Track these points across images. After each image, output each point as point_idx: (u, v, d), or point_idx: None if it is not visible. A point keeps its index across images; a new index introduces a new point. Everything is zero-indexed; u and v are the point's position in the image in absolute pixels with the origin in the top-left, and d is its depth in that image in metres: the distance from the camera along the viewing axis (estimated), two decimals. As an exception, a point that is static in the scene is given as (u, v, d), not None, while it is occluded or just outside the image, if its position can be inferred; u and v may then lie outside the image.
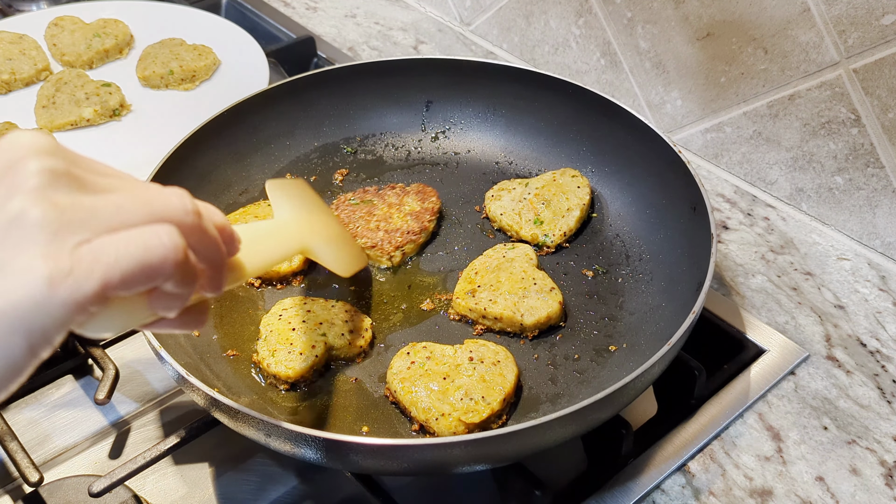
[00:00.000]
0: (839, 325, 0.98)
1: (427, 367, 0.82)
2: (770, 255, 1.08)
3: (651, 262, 0.97)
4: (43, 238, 0.42)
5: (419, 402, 0.79)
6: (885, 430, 0.86)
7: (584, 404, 0.68)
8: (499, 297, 0.89)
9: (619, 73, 1.28)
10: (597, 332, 0.90)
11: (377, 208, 1.03)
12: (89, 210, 0.44)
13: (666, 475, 0.82)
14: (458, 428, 0.77)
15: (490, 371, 0.81)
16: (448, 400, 0.78)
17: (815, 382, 0.92)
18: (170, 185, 0.50)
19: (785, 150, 1.11)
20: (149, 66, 1.30)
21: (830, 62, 1.01)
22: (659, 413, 0.89)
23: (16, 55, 1.30)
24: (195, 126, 1.01)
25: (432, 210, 1.03)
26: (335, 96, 1.13)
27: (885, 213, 1.04)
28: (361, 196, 1.05)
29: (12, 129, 1.15)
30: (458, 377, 0.80)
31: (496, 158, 1.13)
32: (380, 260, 0.98)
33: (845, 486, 0.81)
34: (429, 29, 1.55)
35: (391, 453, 0.68)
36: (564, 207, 1.01)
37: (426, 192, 1.05)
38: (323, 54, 1.44)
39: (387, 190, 1.06)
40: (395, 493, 0.77)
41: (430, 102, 1.15)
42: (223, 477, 0.84)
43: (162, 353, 0.74)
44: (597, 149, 1.07)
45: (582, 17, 1.29)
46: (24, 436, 0.86)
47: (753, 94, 1.11)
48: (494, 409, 0.78)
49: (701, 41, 1.14)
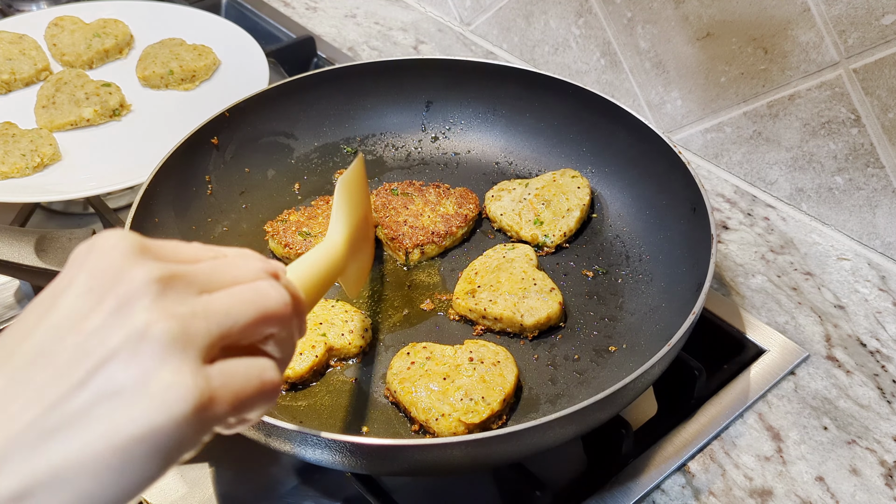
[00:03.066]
0: (839, 325, 0.98)
1: (427, 367, 0.82)
2: (770, 255, 1.08)
3: (651, 262, 0.96)
4: (174, 356, 0.41)
5: (419, 402, 0.79)
6: (885, 430, 0.86)
7: (584, 405, 0.68)
8: (499, 297, 0.89)
9: (619, 73, 1.28)
10: (597, 333, 0.90)
11: (413, 202, 1.03)
12: (204, 316, 0.44)
13: (666, 475, 0.82)
14: (458, 428, 0.77)
15: (490, 371, 0.81)
16: (448, 400, 0.78)
17: (815, 382, 0.92)
18: (246, 252, 0.51)
19: (785, 150, 1.11)
20: (149, 66, 1.30)
21: (830, 62, 1.01)
22: (659, 413, 0.89)
23: (16, 55, 1.30)
24: (195, 126, 1.01)
25: (466, 217, 1.02)
26: (335, 96, 1.13)
27: (885, 213, 1.04)
28: (404, 187, 1.05)
29: (13, 128, 1.15)
30: (459, 377, 0.80)
31: (496, 159, 1.13)
32: (396, 254, 0.98)
33: (845, 486, 0.81)
34: (429, 29, 1.55)
35: (391, 453, 0.68)
36: (564, 208, 1.01)
37: (467, 198, 1.04)
38: (323, 54, 1.44)
39: (430, 187, 1.06)
40: (395, 493, 0.77)
41: (430, 102, 1.15)
42: (223, 477, 0.84)
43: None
44: (597, 149, 1.07)
45: (582, 17, 1.29)
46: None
47: (753, 94, 1.11)
48: (494, 410, 0.78)
49: (701, 41, 1.14)
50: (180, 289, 0.44)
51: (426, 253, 0.99)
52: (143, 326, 0.41)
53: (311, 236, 0.98)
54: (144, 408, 0.40)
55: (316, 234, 0.98)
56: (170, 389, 0.40)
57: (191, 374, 0.41)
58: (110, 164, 1.14)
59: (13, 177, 1.10)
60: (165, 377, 0.41)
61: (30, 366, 0.41)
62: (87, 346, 0.41)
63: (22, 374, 0.41)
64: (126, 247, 0.44)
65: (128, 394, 0.40)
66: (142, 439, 0.40)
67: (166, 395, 0.40)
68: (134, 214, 0.87)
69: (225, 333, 0.45)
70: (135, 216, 0.87)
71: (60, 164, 1.14)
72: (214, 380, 0.43)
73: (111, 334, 0.41)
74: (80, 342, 0.41)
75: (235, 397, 0.44)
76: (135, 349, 0.41)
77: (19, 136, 1.13)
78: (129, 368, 0.40)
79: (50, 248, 0.84)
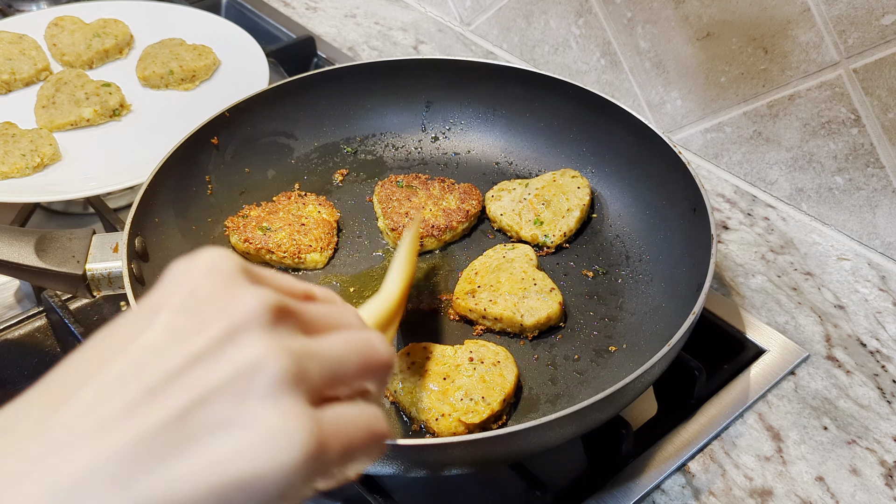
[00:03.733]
0: (839, 325, 0.98)
1: (427, 367, 0.82)
2: (770, 255, 1.08)
3: (651, 262, 0.96)
4: (286, 396, 0.37)
5: (419, 402, 0.79)
6: (885, 430, 0.86)
7: (584, 405, 0.68)
8: (499, 297, 0.89)
9: (619, 73, 1.28)
10: (597, 333, 0.90)
11: (417, 196, 1.03)
12: (318, 357, 0.40)
13: (666, 475, 0.82)
14: (458, 428, 0.77)
15: (490, 371, 0.81)
16: (448, 400, 0.78)
17: (815, 382, 0.92)
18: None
19: (785, 150, 1.11)
20: (149, 66, 1.30)
21: (830, 62, 1.01)
22: (659, 413, 0.89)
23: (16, 55, 1.30)
24: (195, 126, 1.01)
25: (468, 213, 1.02)
26: (335, 96, 1.13)
27: (885, 213, 1.04)
28: (409, 180, 1.06)
29: (13, 128, 1.15)
30: (459, 377, 0.80)
31: (496, 159, 1.13)
32: (396, 244, 0.99)
33: (845, 486, 0.81)
34: (429, 29, 1.55)
35: (391, 453, 0.68)
36: (564, 208, 1.01)
37: (470, 194, 1.05)
38: (323, 54, 1.44)
39: (435, 182, 1.06)
40: (395, 493, 0.77)
41: (430, 102, 1.15)
42: (223, 477, 0.84)
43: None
44: (597, 149, 1.07)
45: (582, 17, 1.29)
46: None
47: (753, 94, 1.11)
48: (494, 410, 0.78)
49: (701, 41, 1.14)
50: (292, 324, 0.40)
51: (425, 246, 1.00)
52: (256, 359, 0.37)
53: (271, 231, 0.98)
54: (251, 450, 0.35)
55: (276, 228, 0.98)
56: (282, 432, 0.36)
57: (305, 418, 0.37)
58: (110, 164, 1.14)
59: (13, 177, 1.10)
60: (277, 418, 0.36)
61: (121, 385, 0.36)
62: (191, 373, 0.36)
63: (112, 391, 0.36)
64: (232, 268, 0.40)
65: (234, 433, 0.36)
66: (243, 484, 0.35)
67: (277, 437, 0.36)
68: (134, 214, 0.87)
69: (335, 378, 0.41)
70: (135, 216, 0.87)
71: (60, 164, 1.14)
72: (326, 426, 0.39)
73: (219, 363, 0.37)
74: (182, 368, 0.36)
75: (347, 445, 0.40)
76: (245, 384, 0.36)
77: (19, 136, 1.13)
78: (237, 405, 0.36)
79: (50, 248, 0.84)
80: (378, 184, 1.06)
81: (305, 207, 1.02)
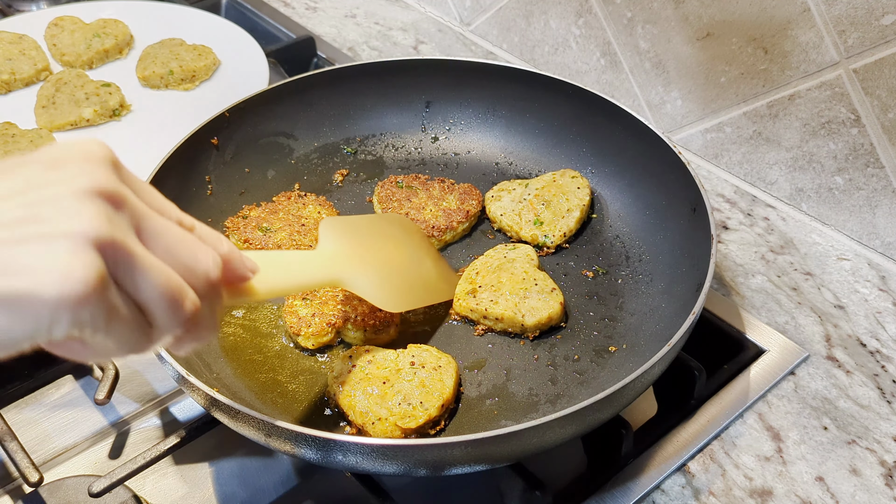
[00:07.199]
0: (839, 325, 0.98)
1: (367, 370, 0.81)
2: (770, 255, 1.08)
3: (651, 262, 0.97)
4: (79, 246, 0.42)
5: (356, 405, 0.79)
6: (885, 430, 0.86)
7: (584, 405, 0.68)
8: (500, 297, 0.89)
9: (619, 73, 1.28)
10: (597, 333, 0.90)
11: (417, 196, 1.03)
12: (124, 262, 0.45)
13: (666, 475, 0.82)
14: (394, 433, 0.76)
15: (430, 376, 0.80)
16: (385, 404, 0.78)
17: (815, 382, 0.92)
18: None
19: (785, 150, 1.11)
20: (149, 66, 1.30)
21: (830, 62, 1.01)
22: (659, 413, 0.89)
23: (16, 55, 1.30)
24: (195, 126, 1.01)
25: (468, 213, 1.02)
26: (335, 96, 1.13)
27: (885, 213, 1.04)
28: (409, 181, 1.06)
29: (12, 129, 1.15)
30: (399, 382, 0.80)
31: (496, 159, 1.13)
32: None
33: (845, 487, 0.81)
34: (429, 29, 1.55)
35: (391, 453, 0.68)
36: (564, 208, 1.01)
37: (470, 194, 1.05)
38: (323, 54, 1.44)
39: (435, 182, 1.06)
40: (395, 493, 0.77)
41: (430, 103, 1.15)
42: (223, 477, 0.84)
43: (162, 353, 0.74)
44: (597, 149, 1.08)
45: (582, 17, 1.29)
46: (24, 436, 0.86)
47: (753, 94, 1.11)
48: (432, 416, 0.78)
49: (701, 41, 1.14)
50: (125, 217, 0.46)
51: None
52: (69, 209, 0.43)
53: (271, 231, 0.98)
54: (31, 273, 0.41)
55: (276, 229, 0.98)
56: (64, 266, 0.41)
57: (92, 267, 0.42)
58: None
59: (13, 177, 1.10)
60: (66, 256, 0.41)
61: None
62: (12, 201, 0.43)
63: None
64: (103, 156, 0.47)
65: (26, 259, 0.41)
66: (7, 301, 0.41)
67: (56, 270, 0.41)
68: (134, 214, 0.87)
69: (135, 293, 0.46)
70: (135, 216, 0.87)
71: (60, 164, 1.14)
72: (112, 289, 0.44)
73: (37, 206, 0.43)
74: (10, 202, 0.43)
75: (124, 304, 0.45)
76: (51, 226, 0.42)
77: (19, 136, 1.13)
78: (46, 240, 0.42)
79: (50, 248, 0.84)
80: (378, 184, 1.06)
81: (305, 208, 1.02)
